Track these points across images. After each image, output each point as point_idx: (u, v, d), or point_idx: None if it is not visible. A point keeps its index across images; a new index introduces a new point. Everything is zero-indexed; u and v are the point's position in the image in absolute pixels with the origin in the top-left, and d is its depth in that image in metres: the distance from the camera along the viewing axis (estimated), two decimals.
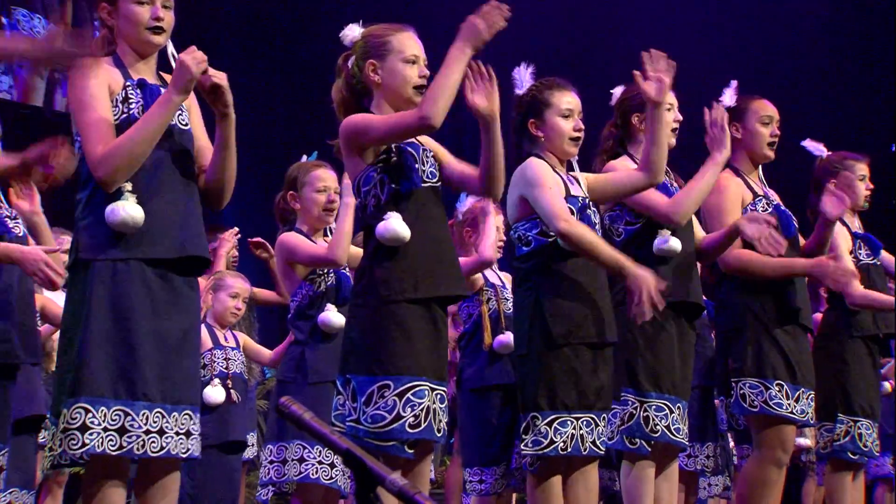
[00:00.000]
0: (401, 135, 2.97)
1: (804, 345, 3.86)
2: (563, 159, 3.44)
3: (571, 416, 3.24)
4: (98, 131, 2.71)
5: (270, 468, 3.78)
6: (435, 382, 2.97)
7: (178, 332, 2.75)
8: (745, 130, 3.92)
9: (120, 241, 2.69)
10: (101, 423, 2.63)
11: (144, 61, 2.83)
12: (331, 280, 3.82)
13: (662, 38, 9.08)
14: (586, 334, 3.28)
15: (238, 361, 4.61)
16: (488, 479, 4.13)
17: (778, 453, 3.77)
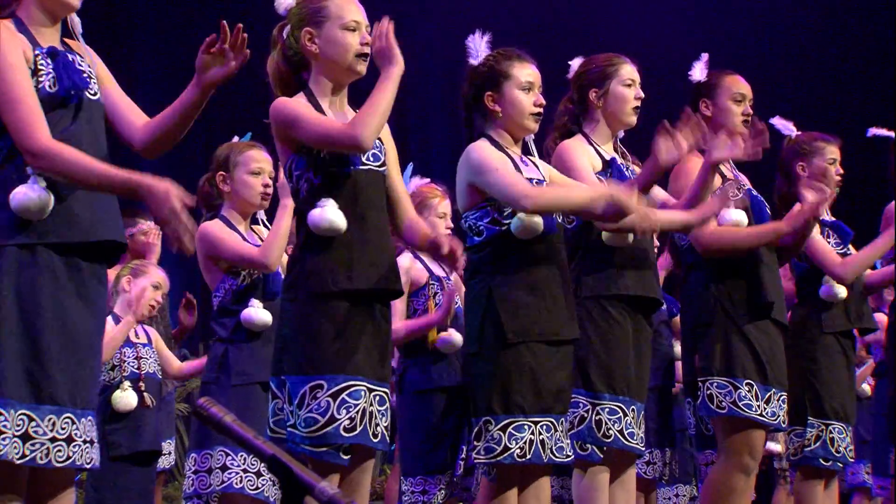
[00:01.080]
0: (327, 147, 2.96)
1: (777, 342, 3.87)
2: (519, 137, 3.42)
3: (528, 419, 3.21)
4: (33, 113, 2.62)
5: (194, 479, 3.72)
6: (373, 383, 2.96)
7: (85, 328, 2.68)
8: (715, 108, 3.92)
9: (27, 226, 2.62)
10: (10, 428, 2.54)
11: (53, 26, 2.75)
12: (257, 273, 3.79)
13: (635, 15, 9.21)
14: (544, 331, 3.26)
15: (151, 360, 4.53)
16: (432, 490, 4.14)
17: (746, 459, 3.78)
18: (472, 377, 3.31)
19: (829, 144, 4.34)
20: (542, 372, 3.25)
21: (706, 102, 3.94)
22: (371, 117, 2.91)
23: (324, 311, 2.94)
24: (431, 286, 4.35)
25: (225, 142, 3.99)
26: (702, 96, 3.92)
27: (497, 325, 3.24)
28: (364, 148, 2.93)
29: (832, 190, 4.32)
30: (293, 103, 3.00)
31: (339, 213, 2.93)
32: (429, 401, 4.21)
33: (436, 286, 4.34)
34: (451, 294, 4.21)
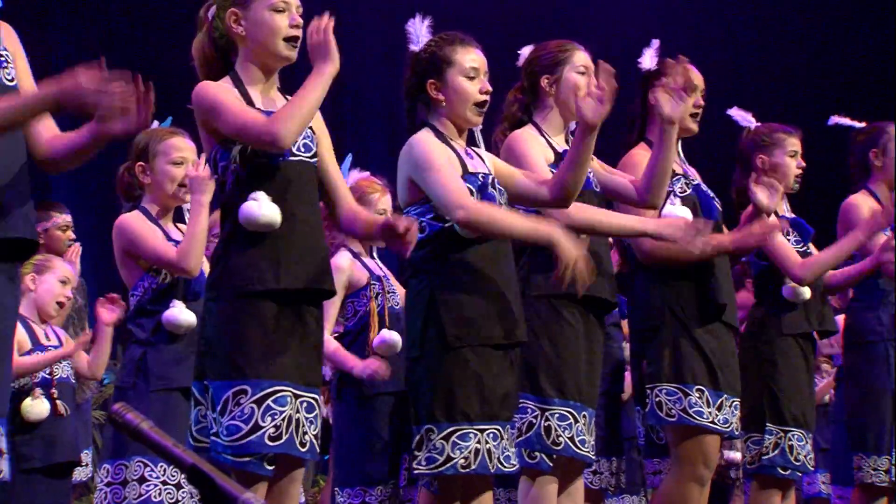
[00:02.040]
0: (243, 140, 2.95)
1: (729, 346, 3.90)
2: (464, 128, 3.40)
3: (473, 427, 3.19)
4: None
5: (108, 491, 3.67)
6: (301, 388, 2.95)
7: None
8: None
9: None
10: None
11: None
12: None
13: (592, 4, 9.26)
14: (489, 333, 3.24)
15: (64, 364, 4.47)
16: (372, 501, 4.14)
17: (699, 469, 3.80)
18: (414, 383, 3.29)
19: (790, 136, 4.38)
20: (487, 377, 3.23)
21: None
22: (294, 115, 2.91)
23: (249, 312, 2.93)
24: (373, 286, 4.36)
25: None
26: (651, 86, 3.90)
27: (439, 327, 3.22)
28: (282, 147, 2.92)
29: (791, 185, 4.38)
30: (215, 89, 2.99)
31: (274, 207, 2.92)
32: (368, 407, 4.21)
33: (377, 287, 4.35)
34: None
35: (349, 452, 4.21)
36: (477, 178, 3.30)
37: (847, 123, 4.67)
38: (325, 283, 3.02)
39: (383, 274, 4.40)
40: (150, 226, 3.76)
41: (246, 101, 3.01)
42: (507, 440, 3.28)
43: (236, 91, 3.02)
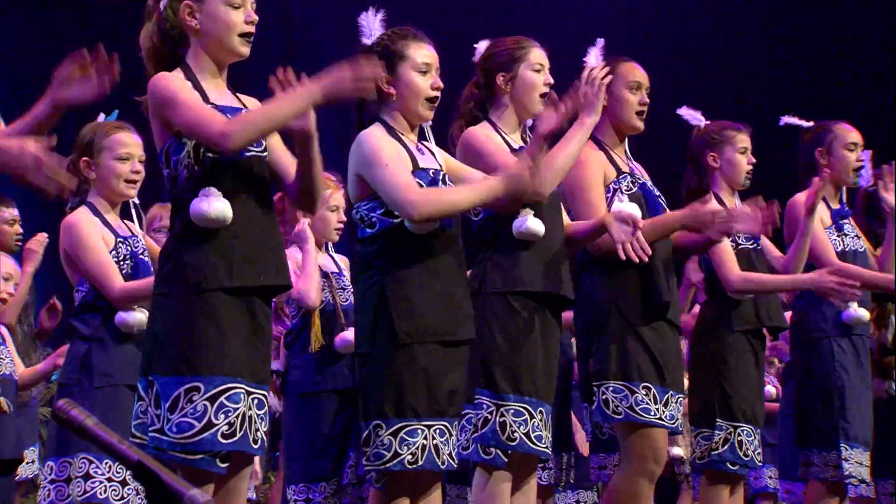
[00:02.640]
0: (196, 137, 2.94)
1: (673, 344, 3.93)
2: (415, 123, 3.41)
3: (422, 423, 3.20)
4: None
5: (52, 489, 3.63)
6: (253, 385, 2.95)
7: None
8: (610, 96, 3.91)
9: None
10: None
11: None
12: (126, 268, 3.73)
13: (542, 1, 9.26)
14: (439, 330, 3.25)
15: (7, 360, 4.43)
16: (316, 498, 4.13)
17: (649, 464, 3.83)
18: (363, 379, 3.29)
19: (740, 133, 4.41)
20: (435, 374, 3.24)
21: None
22: (255, 124, 2.91)
23: (201, 308, 2.92)
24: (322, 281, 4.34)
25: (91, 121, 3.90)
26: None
27: (389, 324, 3.22)
28: (229, 150, 2.91)
29: (741, 182, 4.42)
30: (172, 81, 2.97)
31: (225, 203, 2.92)
32: (314, 404, 4.20)
33: (324, 283, 4.33)
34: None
35: (296, 449, 4.20)
36: (427, 173, 3.31)
37: (796, 123, 4.70)
38: (279, 278, 3.02)
39: (336, 270, 4.38)
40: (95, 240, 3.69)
41: (199, 92, 2.99)
42: (455, 437, 3.29)
43: (191, 84, 3.00)
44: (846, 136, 4.64)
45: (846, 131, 4.65)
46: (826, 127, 4.67)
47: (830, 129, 4.66)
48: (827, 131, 4.65)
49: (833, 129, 4.66)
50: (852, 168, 4.63)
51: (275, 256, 3.02)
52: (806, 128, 4.70)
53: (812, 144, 4.66)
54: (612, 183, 3.91)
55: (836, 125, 4.68)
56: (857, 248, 4.61)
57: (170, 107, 2.93)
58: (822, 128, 4.68)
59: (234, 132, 2.87)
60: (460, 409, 3.34)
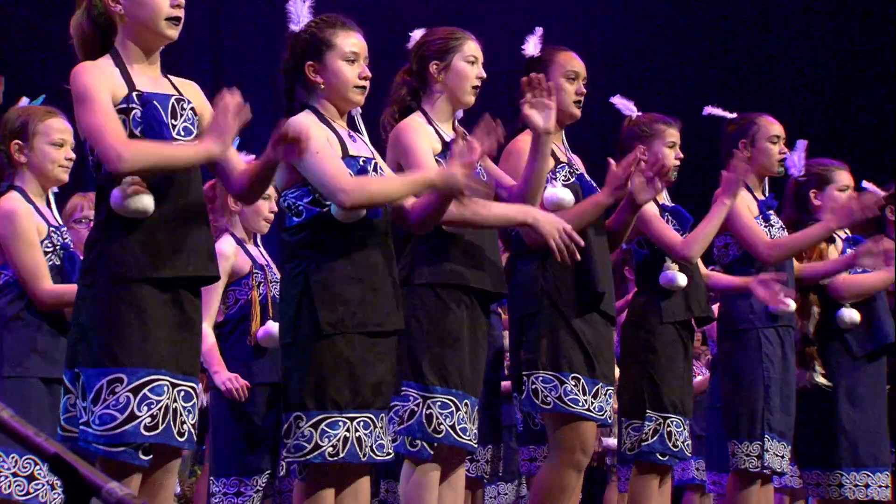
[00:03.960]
0: (89, 143, 2.94)
1: (606, 335, 3.95)
2: (344, 110, 3.40)
3: (343, 416, 3.20)
4: None
5: None
6: (179, 377, 2.96)
7: None
8: None
9: None
10: None
11: None
12: (55, 259, 3.70)
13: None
14: (364, 321, 3.24)
15: None
16: (247, 492, 4.12)
17: (577, 455, 3.85)
18: (286, 369, 3.28)
19: (669, 127, 4.44)
20: (360, 365, 3.24)
21: None
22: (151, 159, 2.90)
23: (125, 299, 2.92)
24: (255, 275, 4.32)
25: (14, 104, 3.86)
26: (533, 71, 3.92)
27: (312, 314, 3.21)
28: (113, 171, 2.89)
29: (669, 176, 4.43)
30: (92, 77, 2.95)
31: (147, 194, 2.91)
32: (248, 397, 4.17)
33: (259, 275, 4.31)
34: None
35: (225, 443, 4.17)
36: (357, 161, 3.31)
37: (720, 114, 4.73)
38: (207, 269, 3.02)
39: (266, 262, 4.37)
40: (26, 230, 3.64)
41: (127, 82, 2.99)
42: (382, 429, 3.28)
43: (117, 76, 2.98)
44: (769, 129, 4.66)
45: (769, 123, 4.68)
46: (749, 119, 4.70)
47: (754, 121, 4.68)
48: (750, 123, 4.68)
49: (756, 121, 4.68)
50: (776, 159, 4.67)
51: (203, 246, 3.01)
52: (729, 119, 4.73)
53: (735, 136, 4.68)
54: (549, 173, 3.92)
55: (760, 117, 4.70)
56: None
57: (80, 105, 2.93)
58: (746, 120, 4.70)
59: (128, 159, 2.86)
60: (388, 401, 3.34)
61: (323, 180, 3.20)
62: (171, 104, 3.01)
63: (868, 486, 4.67)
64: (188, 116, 3.04)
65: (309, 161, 3.20)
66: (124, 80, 2.99)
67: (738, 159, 4.39)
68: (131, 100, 2.96)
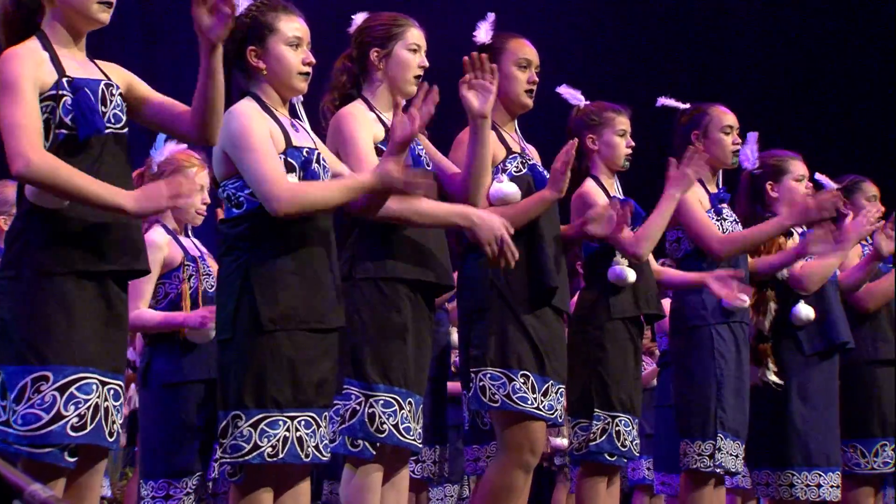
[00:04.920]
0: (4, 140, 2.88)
1: (557, 331, 3.94)
2: (287, 97, 3.39)
3: (284, 414, 3.17)
4: None
5: None
6: (108, 375, 2.91)
7: None
8: (499, 73, 3.88)
9: None
10: None
11: None
12: None
13: None
14: (305, 318, 3.22)
15: None
16: (177, 495, 4.08)
17: (525, 455, 3.85)
18: (222, 367, 3.24)
19: (619, 115, 4.44)
20: (302, 362, 3.21)
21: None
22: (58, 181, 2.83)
23: (51, 293, 2.87)
24: (186, 267, 4.28)
25: None
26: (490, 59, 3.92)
27: (252, 309, 3.18)
28: (15, 175, 2.83)
29: (620, 164, 4.46)
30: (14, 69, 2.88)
31: None
32: (176, 395, 4.15)
33: (191, 268, 4.28)
34: None
35: (154, 443, 4.14)
36: (301, 152, 3.28)
37: (673, 104, 4.73)
38: (136, 263, 2.98)
39: (199, 254, 4.34)
40: None
41: (56, 67, 2.94)
42: (325, 428, 3.26)
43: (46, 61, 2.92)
44: (722, 119, 4.68)
45: (722, 114, 4.69)
46: (702, 109, 4.71)
47: (706, 111, 4.69)
48: (703, 114, 4.69)
49: (709, 111, 4.69)
50: (729, 150, 4.68)
51: (132, 239, 2.97)
52: (682, 110, 4.73)
53: (688, 127, 4.69)
54: (500, 163, 3.92)
55: (712, 107, 4.71)
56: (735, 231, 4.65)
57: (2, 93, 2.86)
58: (699, 110, 4.71)
59: (34, 170, 2.81)
60: (330, 400, 3.32)
61: (258, 184, 3.17)
62: (101, 90, 2.97)
63: (820, 486, 4.69)
64: (117, 103, 2.99)
65: (246, 159, 3.18)
66: (54, 66, 2.94)
67: (692, 153, 4.38)
68: (61, 86, 2.91)
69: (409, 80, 3.70)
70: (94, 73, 3.01)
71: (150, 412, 4.18)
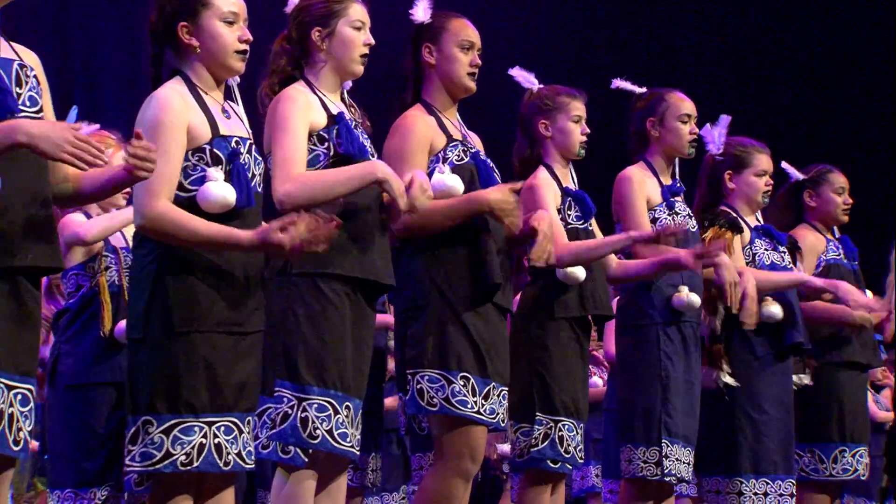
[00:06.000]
0: None
1: (500, 331, 3.89)
2: (222, 77, 3.32)
3: (200, 420, 3.12)
4: None
5: None
6: (15, 378, 2.85)
7: None
8: (440, 55, 3.90)
9: None
10: None
11: None
12: None
13: None
14: (223, 318, 3.17)
15: None
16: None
17: (464, 463, 3.79)
18: (133, 369, 3.19)
19: (574, 100, 4.38)
20: (219, 365, 3.17)
21: (429, 48, 3.93)
22: None
23: None
24: (103, 259, 4.23)
25: None
26: (425, 40, 3.92)
27: (165, 308, 3.13)
28: None
29: (575, 152, 4.39)
30: None
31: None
32: (83, 397, 4.11)
33: (109, 259, 4.23)
34: None
35: (61, 451, 4.10)
36: (228, 142, 3.23)
37: (629, 88, 4.69)
38: (50, 259, 2.91)
39: (123, 245, 4.27)
40: None
41: None
42: (248, 433, 3.21)
43: None
44: (680, 107, 4.63)
45: (680, 101, 4.65)
46: (659, 95, 4.66)
47: (664, 97, 4.65)
48: (660, 100, 4.64)
49: (666, 98, 4.65)
50: (686, 140, 4.63)
51: (45, 233, 2.90)
52: (638, 95, 4.69)
53: (644, 113, 4.64)
54: (440, 152, 3.87)
55: (670, 94, 4.67)
56: (688, 227, 4.60)
57: None
58: (655, 96, 4.66)
59: None
60: (254, 404, 3.28)
61: (139, 190, 3.11)
62: (15, 70, 2.90)
63: (767, 495, 4.65)
64: (33, 85, 2.93)
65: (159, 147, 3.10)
66: None
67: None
68: None
69: (354, 59, 3.64)
70: (7, 52, 2.93)
71: (56, 416, 4.14)
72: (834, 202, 5.12)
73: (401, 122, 3.88)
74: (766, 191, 4.83)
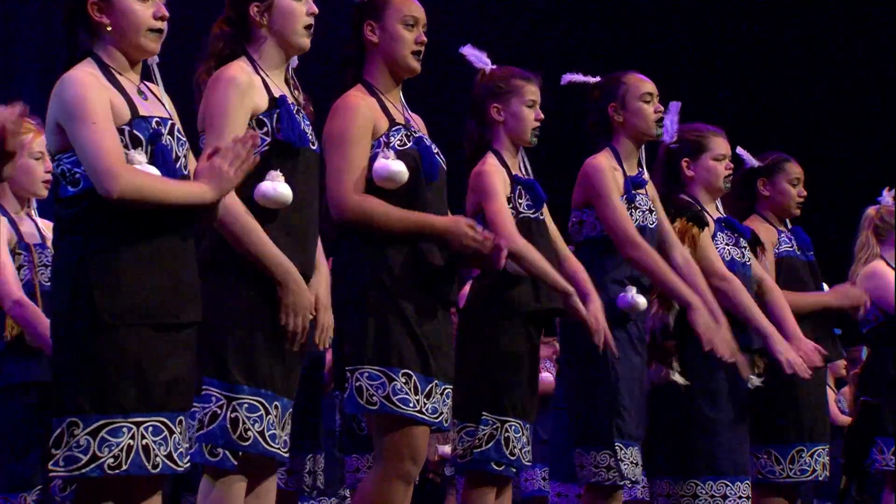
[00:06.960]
0: None
1: (445, 325, 3.88)
2: (136, 58, 3.26)
3: (129, 420, 3.07)
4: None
5: None
6: None
7: None
8: (383, 32, 3.85)
9: None
10: None
11: None
12: None
13: None
14: (153, 311, 3.13)
15: None
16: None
17: (405, 464, 3.77)
18: (57, 367, 3.15)
19: (529, 83, 4.35)
20: (150, 361, 3.12)
21: (371, 25, 3.88)
22: None
23: None
24: (17, 256, 4.20)
25: None
26: (367, 17, 3.86)
27: (90, 301, 3.08)
28: None
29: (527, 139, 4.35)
30: None
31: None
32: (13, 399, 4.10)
33: (23, 257, 4.20)
34: None
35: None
36: (149, 123, 3.18)
37: (581, 80, 4.67)
38: None
39: (38, 241, 4.25)
40: None
41: None
42: (181, 434, 3.18)
43: None
44: (640, 87, 4.60)
45: (639, 81, 4.63)
46: (616, 79, 4.64)
47: (621, 80, 4.63)
48: (618, 83, 4.62)
49: (624, 80, 4.63)
50: (652, 120, 4.61)
51: None
52: (593, 83, 4.66)
53: (603, 100, 4.61)
54: (383, 136, 3.82)
55: (627, 75, 4.65)
56: (647, 223, 4.59)
57: None
58: (613, 80, 4.64)
59: None
60: (187, 402, 3.25)
61: (92, 158, 3.06)
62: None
63: (726, 497, 4.63)
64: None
65: (82, 131, 3.08)
66: None
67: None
68: None
69: (298, 31, 3.59)
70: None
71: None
72: (788, 193, 5.14)
73: (341, 103, 3.83)
74: (728, 175, 4.86)
